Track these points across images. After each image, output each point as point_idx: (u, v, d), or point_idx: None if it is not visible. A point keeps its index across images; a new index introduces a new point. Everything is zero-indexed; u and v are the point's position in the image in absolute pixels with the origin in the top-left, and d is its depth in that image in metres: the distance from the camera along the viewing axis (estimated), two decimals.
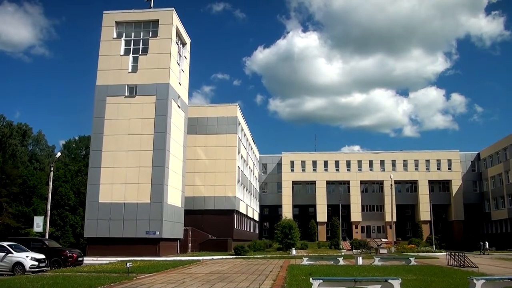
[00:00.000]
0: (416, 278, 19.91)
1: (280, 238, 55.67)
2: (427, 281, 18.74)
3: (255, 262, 33.64)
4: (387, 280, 14.68)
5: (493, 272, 23.88)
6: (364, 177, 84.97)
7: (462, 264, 28.76)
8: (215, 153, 58.55)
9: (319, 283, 14.34)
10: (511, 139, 74.58)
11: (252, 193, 75.18)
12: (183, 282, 18.91)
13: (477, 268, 26.37)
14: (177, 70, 47.10)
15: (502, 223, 77.90)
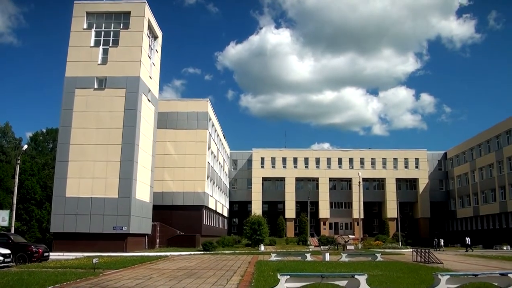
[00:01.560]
0: (382, 274, 20.19)
1: (249, 234, 55.77)
2: (393, 277, 19.01)
3: (223, 258, 33.62)
4: (354, 276, 14.86)
5: (457, 268, 24.38)
6: (333, 174, 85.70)
7: (427, 260, 29.27)
8: (185, 148, 58.30)
9: (286, 278, 14.43)
10: (477, 140, 76.42)
11: (222, 189, 75.12)
12: (150, 278, 18.80)
13: (442, 264, 26.89)
14: (148, 63, 46.65)
15: (468, 220, 79.89)
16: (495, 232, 69.37)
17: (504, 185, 67.64)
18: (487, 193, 73.04)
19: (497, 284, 15.56)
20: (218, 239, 56.47)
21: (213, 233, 63.28)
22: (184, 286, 16.26)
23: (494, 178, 70.83)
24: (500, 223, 69.04)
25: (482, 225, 74.82)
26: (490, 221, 72.15)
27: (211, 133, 63.61)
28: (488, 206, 72.43)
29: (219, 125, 72.73)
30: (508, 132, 66.96)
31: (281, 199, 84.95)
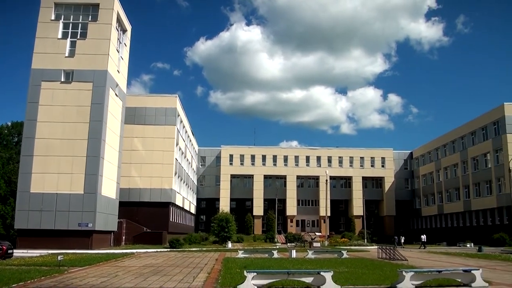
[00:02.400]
0: (348, 271, 20.39)
1: (216, 231, 55.66)
2: (358, 274, 19.22)
3: (190, 255, 33.49)
4: (320, 272, 14.98)
5: (422, 265, 24.79)
6: (300, 172, 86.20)
7: (392, 257, 29.70)
8: (152, 144, 57.73)
9: (253, 275, 14.47)
10: (443, 140, 78.06)
11: (190, 186, 74.76)
12: (116, 275, 18.58)
13: (406, 261, 27.33)
14: (116, 57, 45.99)
15: (432, 218, 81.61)
16: (459, 230, 70.94)
17: (468, 184, 69.25)
18: (452, 192, 74.70)
19: (460, 280, 15.92)
20: (185, 236, 56.18)
21: (180, 230, 62.97)
22: (150, 283, 16.12)
23: (458, 177, 72.43)
24: (464, 221, 70.66)
25: (446, 223, 76.45)
26: (454, 219, 73.75)
27: (180, 130, 63.21)
28: (452, 205, 74.05)
29: (188, 121, 72.34)
30: (472, 133, 68.52)
31: (249, 196, 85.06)
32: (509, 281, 17.67)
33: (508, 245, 51.50)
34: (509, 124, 59.60)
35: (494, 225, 62.08)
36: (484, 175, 65.32)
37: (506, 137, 59.36)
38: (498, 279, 18.00)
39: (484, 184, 65.55)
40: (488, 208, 64.40)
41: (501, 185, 61.48)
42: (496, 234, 54.91)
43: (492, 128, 63.31)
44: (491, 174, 63.37)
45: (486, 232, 60.47)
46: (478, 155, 66.90)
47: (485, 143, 65.07)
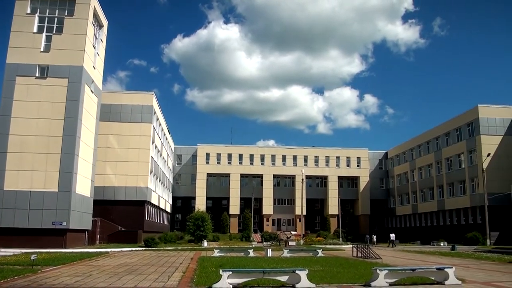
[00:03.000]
0: (323, 269, 20.47)
1: (192, 230, 55.32)
2: (333, 272, 19.31)
3: (165, 254, 33.28)
4: (295, 271, 15.02)
5: (396, 263, 25.00)
6: (277, 171, 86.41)
7: (367, 256, 29.94)
8: (128, 142, 57.16)
9: (229, 274, 14.43)
10: (417, 141, 79.09)
11: (165, 184, 74.30)
12: (90, 275, 18.34)
13: (381, 260, 27.60)
14: (92, 53, 45.40)
15: (406, 218, 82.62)
16: (432, 229, 71.93)
17: (442, 184, 70.23)
18: (426, 192, 75.67)
19: (434, 278, 16.11)
20: (161, 235, 55.80)
21: (155, 229, 62.56)
22: (125, 283, 15.94)
23: (432, 177, 73.40)
24: (438, 220, 71.65)
25: (420, 222, 77.42)
26: (428, 219, 74.74)
27: (156, 127, 62.74)
28: (426, 204, 75.03)
29: (164, 119, 71.85)
30: (447, 134, 69.50)
31: (226, 195, 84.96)
32: (482, 279, 17.92)
33: (481, 244, 52.35)
34: (483, 125, 60.61)
35: (468, 224, 63.06)
36: (458, 176, 66.32)
37: (480, 138, 60.34)
38: (472, 277, 18.25)
39: (458, 184, 66.56)
40: (461, 208, 65.42)
41: (474, 185, 62.50)
42: (470, 233, 55.75)
43: (466, 129, 64.28)
44: (465, 174, 64.37)
45: (459, 231, 61.38)
46: (452, 156, 67.90)
47: (459, 144, 66.04)
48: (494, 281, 17.29)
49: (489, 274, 19.95)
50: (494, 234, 55.85)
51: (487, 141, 59.98)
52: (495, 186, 56.55)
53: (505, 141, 60.25)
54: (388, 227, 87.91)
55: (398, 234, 78.97)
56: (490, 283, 16.63)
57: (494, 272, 21.07)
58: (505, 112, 61.54)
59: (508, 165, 59.09)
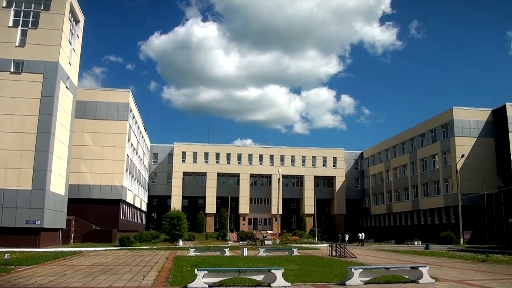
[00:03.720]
0: (298, 268, 20.54)
1: (167, 229, 55.04)
2: (308, 271, 19.38)
3: (141, 254, 33.05)
4: (270, 270, 15.03)
5: (370, 262, 25.24)
6: (254, 171, 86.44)
7: (342, 255, 30.16)
8: (103, 139, 56.52)
9: (204, 274, 14.37)
10: (393, 141, 79.94)
11: (141, 183, 73.70)
12: (64, 274, 18.10)
13: (356, 259, 27.83)
14: (68, 49, 44.73)
15: (381, 217, 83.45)
16: (407, 229, 72.75)
17: (417, 184, 71.09)
18: (400, 192, 76.50)
19: (408, 276, 16.28)
20: (136, 234, 55.45)
21: (130, 228, 62.06)
22: (99, 283, 15.76)
23: (407, 178, 74.23)
24: (412, 220, 72.53)
25: (395, 222, 78.25)
26: (403, 218, 75.58)
27: (132, 125, 62.17)
28: (401, 204, 75.86)
29: (140, 117, 71.22)
30: (422, 136, 70.35)
31: (202, 194, 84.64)
32: (455, 277, 18.18)
33: (454, 243, 53.13)
34: (457, 127, 61.50)
35: (441, 224, 63.94)
36: (432, 176, 67.21)
37: (454, 140, 61.22)
38: (445, 276, 18.50)
39: (432, 184, 67.45)
40: (435, 208, 66.32)
41: (448, 186, 63.40)
42: (443, 233, 56.53)
43: (441, 130, 65.15)
44: (439, 175, 65.27)
45: (433, 230, 62.19)
46: (427, 157, 68.78)
47: (433, 145, 66.91)
48: (467, 279, 17.56)
49: (462, 273, 20.25)
50: (468, 233, 56.75)
51: (461, 142, 60.89)
52: (469, 186, 57.48)
53: (478, 142, 61.26)
54: (363, 226, 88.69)
55: (373, 233, 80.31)
56: (463, 281, 16.87)
57: (467, 270, 21.38)
58: (479, 114, 62.53)
59: (481, 166, 60.12)
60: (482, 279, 17.83)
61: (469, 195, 56.35)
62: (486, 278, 18.22)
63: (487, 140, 61.63)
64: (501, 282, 16.59)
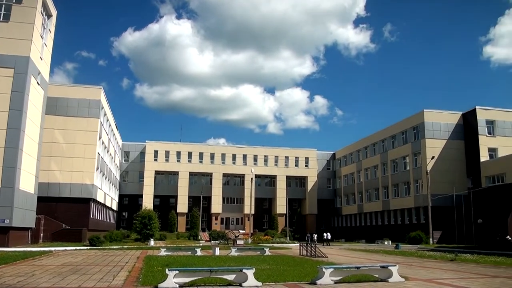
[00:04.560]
0: (270, 268, 20.57)
1: (138, 229, 54.61)
2: (279, 270, 19.42)
3: (111, 253, 32.71)
4: (242, 270, 15.02)
5: (341, 262, 25.44)
6: (226, 170, 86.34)
7: (313, 254, 30.33)
8: (74, 137, 55.68)
9: (175, 274, 14.28)
10: (364, 142, 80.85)
11: (112, 182, 72.91)
12: (33, 275, 17.77)
13: (327, 258, 28.02)
14: (39, 43, 43.80)
15: (352, 217, 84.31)
16: (377, 228, 73.64)
17: (387, 185, 72.00)
18: (371, 192, 77.38)
19: (378, 276, 16.44)
20: (106, 233, 54.79)
21: (101, 228, 61.34)
22: (68, 283, 15.52)
23: (378, 178, 75.12)
24: (382, 220, 73.45)
25: (365, 222, 79.12)
26: (373, 218, 76.48)
27: (103, 123, 61.41)
28: (371, 204, 76.75)
29: (112, 114, 70.44)
30: (393, 137, 71.33)
31: (174, 193, 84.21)
32: (424, 276, 18.42)
33: (424, 243, 53.97)
34: (428, 129, 62.58)
35: (411, 224, 64.89)
36: (403, 177, 68.16)
37: (425, 142, 62.24)
38: (414, 275, 18.73)
39: (403, 185, 68.40)
40: (405, 208, 67.30)
41: (418, 187, 64.38)
42: (413, 232, 57.36)
43: (412, 132, 66.15)
44: (410, 176, 66.24)
45: (403, 230, 63.00)
46: (398, 158, 69.73)
47: (404, 147, 67.88)
48: (436, 278, 17.81)
49: (431, 272, 20.55)
50: (437, 233, 57.70)
51: (432, 144, 61.93)
52: (439, 187, 58.53)
53: (448, 145, 62.43)
54: (334, 226, 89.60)
55: (344, 233, 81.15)
56: (432, 280, 17.11)
57: (436, 269, 21.69)
58: (449, 117, 63.73)
59: (451, 168, 61.29)
60: (450, 278, 18.11)
61: (439, 196, 57.32)
62: (454, 277, 18.50)
63: (457, 142, 62.86)
64: (469, 281, 16.87)
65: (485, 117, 61.56)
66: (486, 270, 21.19)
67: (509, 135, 60.99)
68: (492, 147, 60.54)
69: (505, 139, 60.64)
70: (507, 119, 61.72)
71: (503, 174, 55.22)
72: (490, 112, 62.17)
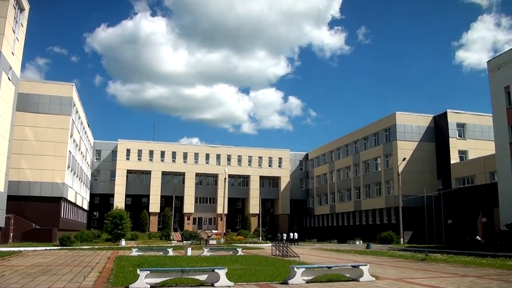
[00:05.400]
0: (242, 268, 20.58)
1: (110, 229, 53.98)
2: (252, 270, 19.44)
3: (82, 254, 32.30)
4: (214, 270, 15.00)
5: (313, 261, 25.58)
6: (199, 170, 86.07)
7: (285, 254, 30.47)
8: (45, 134, 54.68)
9: (146, 274, 14.18)
10: (337, 144, 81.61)
11: (83, 180, 71.95)
12: (2, 275, 17.45)
13: (298, 258, 28.16)
14: (11, 38, 42.83)
15: (324, 217, 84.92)
16: (349, 228, 74.32)
17: (359, 186, 72.72)
18: (343, 193, 78.06)
19: (349, 275, 16.61)
20: (77, 233, 54.12)
21: (71, 227, 60.51)
22: (38, 284, 15.28)
23: (350, 179, 75.83)
24: (354, 220, 74.20)
25: (337, 222, 79.78)
26: (345, 218, 77.20)
27: (75, 120, 60.52)
28: (343, 205, 77.43)
29: (84, 112, 69.47)
30: (365, 139, 72.14)
31: (146, 192, 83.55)
32: (395, 275, 18.65)
33: (395, 243, 54.64)
34: (399, 131, 63.50)
35: (382, 224, 65.68)
36: (375, 178, 68.95)
37: (396, 144, 63.10)
38: (385, 274, 18.96)
39: (374, 186, 69.20)
40: (377, 208, 68.12)
41: (389, 187, 65.22)
42: (384, 233, 58.04)
43: (384, 134, 66.99)
44: (381, 177, 67.05)
45: (375, 230, 63.72)
46: (370, 159, 70.51)
47: (376, 148, 68.69)
48: (406, 277, 18.05)
49: (401, 271, 20.80)
50: (408, 233, 58.50)
51: (403, 146, 62.80)
52: (409, 188, 59.34)
53: (419, 147, 63.43)
54: (307, 226, 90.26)
55: (316, 233, 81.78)
56: (402, 279, 17.33)
57: (406, 269, 21.97)
58: (420, 120, 64.77)
59: (421, 169, 62.26)
60: (421, 277, 18.36)
61: (410, 196, 58.10)
62: (425, 276, 18.77)
63: (428, 144, 63.90)
64: (439, 280, 17.13)
65: (456, 120, 62.71)
66: (456, 270, 21.53)
67: (479, 138, 62.15)
68: (462, 150, 61.74)
69: (475, 142, 61.83)
70: (477, 123, 62.92)
71: (473, 176, 56.30)
72: (461, 115, 63.33)
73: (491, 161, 49.39)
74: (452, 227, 49.86)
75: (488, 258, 28.08)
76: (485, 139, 60.21)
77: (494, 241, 40.20)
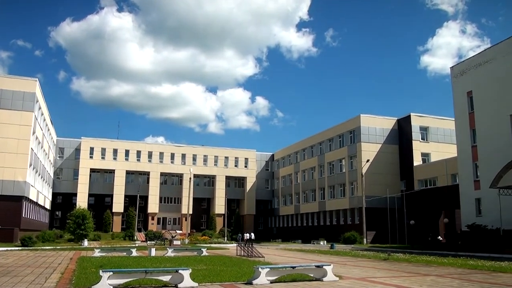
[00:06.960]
0: (207, 268, 20.56)
1: (72, 229, 53.17)
2: (216, 271, 19.45)
3: (43, 254, 31.76)
4: (178, 270, 14.96)
5: (278, 261, 25.70)
6: (164, 169, 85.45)
7: (250, 254, 30.55)
8: (6, 131, 53.24)
9: (109, 275, 14.04)
10: (302, 144, 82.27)
11: (45, 179, 70.51)
12: None
13: (263, 258, 28.25)
14: None
15: (289, 217, 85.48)
16: (313, 229, 74.92)
17: (324, 186, 73.44)
18: (308, 193, 78.67)
19: (313, 275, 16.77)
20: (39, 233, 53.09)
21: (33, 227, 59.24)
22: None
23: (315, 180, 76.47)
24: (319, 220, 74.83)
25: (302, 222, 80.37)
26: (310, 219, 77.82)
27: (38, 117, 59.18)
28: (308, 205, 78.04)
29: (47, 108, 68.02)
30: (330, 140, 72.91)
31: (110, 192, 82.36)
32: (358, 275, 18.90)
33: (358, 243, 55.41)
34: (364, 133, 64.40)
35: (346, 224, 66.45)
36: (339, 179, 69.75)
37: (361, 145, 63.98)
38: (348, 274, 19.18)
39: (339, 187, 69.98)
40: (341, 209, 68.90)
41: (353, 189, 66.05)
42: (348, 233, 58.70)
43: (349, 136, 67.86)
44: (345, 178, 67.85)
45: (338, 231, 64.40)
46: (334, 160, 71.31)
47: (341, 150, 69.50)
48: (369, 276, 18.31)
49: (364, 271, 21.09)
50: (371, 233, 59.41)
51: (367, 148, 63.71)
52: (373, 189, 60.28)
53: (383, 149, 64.47)
54: (272, 226, 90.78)
55: (281, 233, 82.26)
56: (365, 278, 17.58)
57: (369, 268, 22.28)
58: (384, 122, 65.85)
59: (385, 171, 63.28)
60: (383, 276, 18.65)
61: (373, 197, 59.02)
62: (387, 275, 19.06)
63: (391, 146, 65.03)
64: (401, 279, 17.43)
65: (419, 124, 63.99)
66: (418, 269, 21.91)
67: (441, 141, 63.49)
68: (425, 152, 63.03)
69: (437, 145, 63.23)
70: (440, 126, 64.23)
71: (435, 178, 57.58)
72: (424, 119, 64.66)
73: (452, 164, 50.66)
74: (414, 227, 50.88)
75: (449, 257, 28.71)
76: (447, 142, 61.49)
77: (456, 241, 41.14)
